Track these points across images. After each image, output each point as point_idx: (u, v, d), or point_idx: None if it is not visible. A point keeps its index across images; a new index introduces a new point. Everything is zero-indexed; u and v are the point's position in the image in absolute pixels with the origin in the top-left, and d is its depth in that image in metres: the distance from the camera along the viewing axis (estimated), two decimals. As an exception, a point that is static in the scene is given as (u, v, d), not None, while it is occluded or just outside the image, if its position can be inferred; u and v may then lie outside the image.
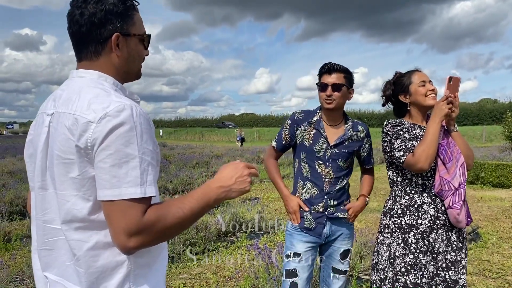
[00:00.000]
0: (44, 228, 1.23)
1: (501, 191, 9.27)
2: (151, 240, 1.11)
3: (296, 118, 2.52)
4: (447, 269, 2.16)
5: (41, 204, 1.23)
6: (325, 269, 2.58)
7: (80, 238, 1.15)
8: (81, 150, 1.09)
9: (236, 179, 1.25)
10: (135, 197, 1.06)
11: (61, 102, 1.18)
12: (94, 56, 1.24)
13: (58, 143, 1.14)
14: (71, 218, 1.15)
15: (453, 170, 2.14)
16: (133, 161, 1.07)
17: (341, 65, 2.44)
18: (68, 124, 1.11)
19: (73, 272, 1.18)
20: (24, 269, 4.12)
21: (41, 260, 1.26)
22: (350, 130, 2.49)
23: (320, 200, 2.43)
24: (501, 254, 4.83)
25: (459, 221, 2.13)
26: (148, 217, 1.08)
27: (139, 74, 1.37)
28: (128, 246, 1.07)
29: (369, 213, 7.21)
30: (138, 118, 1.10)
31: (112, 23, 1.21)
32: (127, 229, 1.06)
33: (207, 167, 13.99)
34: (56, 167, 1.15)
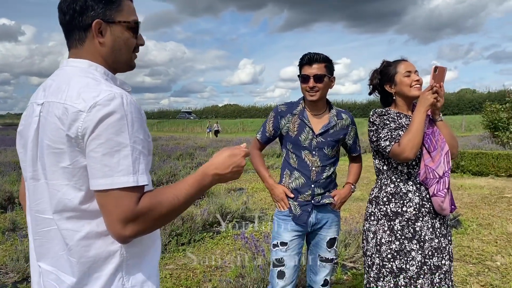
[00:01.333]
0: (36, 218, 1.23)
1: (481, 179, 9.49)
2: (147, 228, 1.11)
3: (280, 110, 2.53)
4: (431, 256, 2.20)
5: (33, 195, 1.23)
6: (312, 257, 2.60)
7: (72, 228, 1.15)
8: (71, 140, 1.09)
9: (232, 168, 1.25)
10: (127, 186, 1.06)
11: (51, 91, 1.17)
12: (79, 44, 1.23)
13: (48, 132, 1.13)
14: (63, 208, 1.15)
15: (437, 159, 2.18)
16: (124, 150, 1.07)
17: (321, 55, 2.43)
18: (58, 114, 1.11)
19: (66, 262, 1.18)
20: (7, 263, 4.07)
21: (36, 250, 1.26)
22: (335, 119, 2.50)
23: (307, 189, 2.44)
24: (480, 240, 4.95)
25: (443, 209, 2.17)
26: (143, 204, 1.08)
27: (131, 64, 1.35)
28: (124, 234, 1.08)
29: (353, 202, 7.31)
30: (129, 107, 1.10)
31: (93, 10, 1.20)
32: (122, 218, 1.06)
33: (191, 159, 13.93)
34: (47, 157, 1.14)
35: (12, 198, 6.92)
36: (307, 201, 2.46)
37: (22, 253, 4.07)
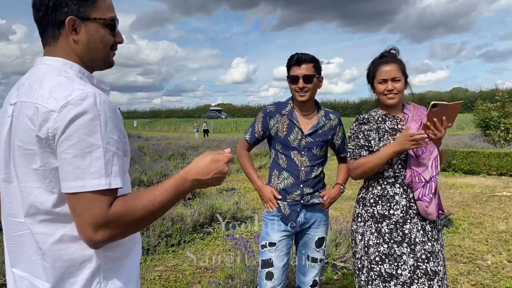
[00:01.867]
0: (9, 222, 1.19)
1: (472, 178, 9.51)
2: (119, 233, 1.07)
3: (269, 110, 2.52)
4: (427, 260, 2.15)
5: (6, 197, 1.19)
6: (301, 258, 2.58)
7: (45, 232, 1.11)
8: (42, 141, 1.04)
9: (213, 174, 1.20)
10: (99, 189, 1.02)
11: (23, 91, 1.13)
12: (53, 41, 1.19)
13: (19, 133, 1.09)
14: (35, 211, 1.11)
15: (424, 163, 2.15)
16: (96, 151, 1.03)
17: (309, 55, 2.43)
18: (29, 114, 1.06)
19: (40, 267, 1.14)
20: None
21: (9, 256, 1.22)
22: (323, 119, 2.50)
23: (296, 188, 2.44)
24: (471, 239, 4.95)
25: (428, 213, 2.14)
26: (115, 209, 1.04)
27: (109, 62, 1.30)
28: (95, 239, 1.04)
29: (344, 201, 7.28)
30: (102, 106, 1.06)
31: (67, 6, 1.16)
32: (93, 222, 1.02)
33: (183, 158, 13.86)
34: (18, 158, 1.10)
35: None
36: (296, 201, 2.45)
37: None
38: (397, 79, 2.21)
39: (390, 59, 2.26)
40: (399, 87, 2.21)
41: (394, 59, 2.26)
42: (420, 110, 2.29)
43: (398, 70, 2.22)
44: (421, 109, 2.29)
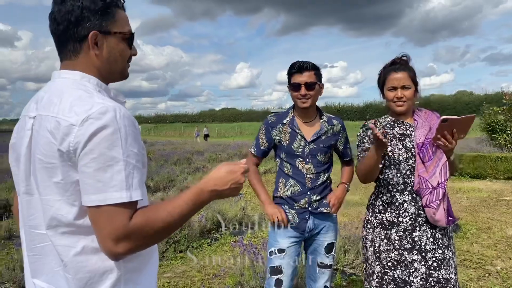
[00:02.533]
0: (31, 233, 1.21)
1: (479, 182, 9.46)
2: (139, 245, 1.09)
3: (270, 121, 2.55)
4: (438, 268, 2.14)
5: (27, 210, 1.20)
6: (311, 264, 2.58)
7: (67, 244, 1.12)
8: (63, 154, 1.06)
9: (231, 184, 1.22)
10: (121, 202, 1.03)
11: (43, 104, 1.15)
12: (73, 56, 1.20)
13: (40, 147, 1.10)
14: (57, 223, 1.12)
15: (432, 169, 2.14)
16: (117, 164, 1.04)
17: (310, 63, 2.45)
18: (50, 128, 1.08)
19: (61, 279, 1.15)
20: (3, 272, 4.01)
21: (30, 267, 1.23)
22: (326, 125, 2.52)
23: (303, 196, 2.45)
24: (480, 244, 4.92)
25: (436, 220, 2.13)
26: (135, 221, 1.05)
27: (125, 74, 1.32)
28: (116, 251, 1.05)
29: (351, 206, 7.27)
30: (122, 120, 1.07)
31: (89, 21, 1.17)
32: (114, 235, 1.03)
33: (189, 163, 13.89)
34: (39, 172, 1.12)
35: (8, 206, 6.86)
36: (304, 208, 2.45)
37: (18, 262, 4.02)
38: (407, 87, 2.22)
39: (400, 66, 2.26)
40: (408, 95, 2.22)
41: (404, 66, 2.26)
42: (431, 116, 2.29)
43: (408, 78, 2.22)
44: (432, 115, 2.30)
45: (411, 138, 2.24)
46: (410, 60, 2.32)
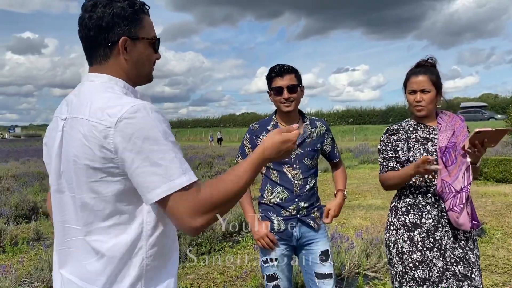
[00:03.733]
0: (63, 228, 1.27)
1: (505, 186, 9.26)
2: (213, 215, 1.14)
3: (253, 130, 2.50)
4: (456, 264, 2.16)
5: (59, 207, 1.27)
6: (309, 277, 2.46)
7: (100, 239, 1.18)
8: (101, 156, 1.11)
9: (283, 152, 1.29)
10: (184, 186, 1.09)
11: (73, 107, 1.20)
12: (103, 60, 1.25)
13: (73, 148, 1.15)
14: (92, 220, 1.18)
15: (455, 173, 2.13)
16: (168, 154, 1.09)
17: (289, 66, 2.41)
18: (84, 131, 1.12)
19: (88, 272, 1.20)
20: (32, 272, 4.14)
21: (60, 259, 1.29)
22: (309, 127, 2.46)
23: (292, 203, 2.38)
24: (506, 249, 4.83)
25: (459, 224, 2.12)
26: (203, 195, 1.11)
27: (151, 77, 1.37)
28: (196, 226, 1.10)
29: (374, 210, 7.23)
30: (155, 115, 1.12)
31: (119, 27, 1.22)
32: (189, 213, 1.09)
33: (210, 167, 14.01)
34: (74, 172, 1.17)
35: (36, 208, 7.07)
36: (292, 216, 2.39)
37: (47, 262, 4.14)
38: (426, 91, 2.21)
39: (422, 69, 2.26)
40: (427, 98, 2.21)
41: (426, 69, 2.25)
42: (455, 119, 2.28)
43: (428, 82, 2.21)
44: (456, 118, 2.29)
45: (434, 142, 2.24)
46: (436, 63, 2.31)
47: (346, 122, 48.06)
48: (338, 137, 36.73)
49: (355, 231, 5.55)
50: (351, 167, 14.52)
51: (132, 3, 1.24)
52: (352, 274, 3.98)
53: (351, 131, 40.28)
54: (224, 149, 22.68)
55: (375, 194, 8.84)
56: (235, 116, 69.38)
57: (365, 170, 13.68)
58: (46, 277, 3.97)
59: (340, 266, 3.96)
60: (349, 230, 5.87)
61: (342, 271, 3.93)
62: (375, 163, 15.07)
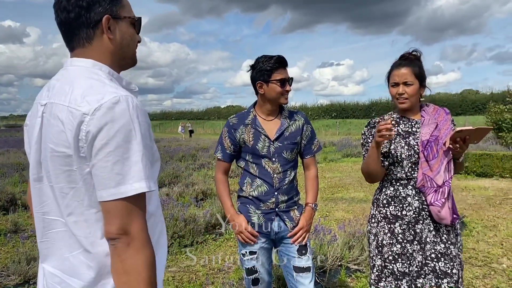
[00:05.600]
0: (43, 220, 1.21)
1: (485, 180, 9.42)
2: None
3: (232, 123, 2.44)
4: (436, 259, 2.14)
5: (38, 197, 1.21)
6: (288, 271, 2.43)
7: (83, 231, 1.13)
8: (75, 143, 1.06)
9: None
10: (140, 192, 1.04)
11: (54, 92, 1.14)
12: (87, 42, 1.19)
13: (51, 135, 1.10)
14: (71, 211, 1.13)
15: (436, 167, 2.13)
16: (134, 155, 1.05)
17: None
18: (62, 117, 1.07)
19: (72, 265, 1.16)
20: (9, 265, 4.04)
21: (41, 252, 1.24)
22: (287, 120, 2.42)
23: (271, 196, 2.35)
24: (486, 242, 4.90)
25: (441, 218, 2.12)
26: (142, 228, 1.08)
27: (135, 60, 1.33)
28: (111, 237, 1.07)
29: (356, 203, 7.27)
30: (135, 111, 1.07)
31: (100, 5, 1.18)
32: (125, 228, 1.05)
33: (194, 160, 13.93)
34: (51, 160, 1.12)
35: (14, 200, 6.91)
36: (271, 209, 2.36)
37: (24, 255, 4.05)
38: (409, 83, 2.19)
39: (405, 62, 2.24)
40: (410, 91, 2.19)
41: (409, 62, 2.23)
42: (439, 112, 2.27)
43: (411, 74, 2.19)
44: (440, 111, 2.27)
45: (416, 135, 2.22)
46: (420, 55, 2.29)
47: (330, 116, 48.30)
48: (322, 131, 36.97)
49: (338, 223, 5.57)
50: (334, 160, 14.61)
51: None
52: (335, 267, 3.98)
53: (335, 125, 40.53)
54: (209, 142, 22.58)
55: (357, 187, 8.89)
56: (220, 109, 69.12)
57: (347, 163, 13.76)
58: (23, 270, 3.88)
59: (323, 258, 3.96)
60: (332, 222, 5.89)
61: (324, 263, 3.93)
62: (357, 157, 15.20)
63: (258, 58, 2.38)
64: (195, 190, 7.65)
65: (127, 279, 1.05)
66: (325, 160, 14.40)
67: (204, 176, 10.17)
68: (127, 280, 1.05)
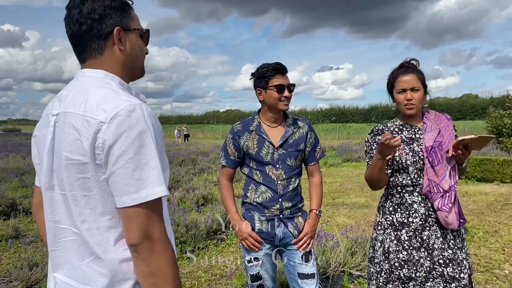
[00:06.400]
0: (55, 229, 1.23)
1: (485, 186, 9.42)
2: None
3: (236, 130, 2.46)
4: (444, 265, 2.15)
5: (50, 206, 1.23)
6: (292, 277, 2.44)
7: (96, 239, 1.15)
8: (91, 151, 1.08)
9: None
10: (161, 196, 1.08)
11: (67, 102, 1.17)
12: (98, 53, 1.23)
13: (65, 143, 1.12)
14: (84, 219, 1.15)
15: (442, 173, 2.14)
16: (152, 161, 1.08)
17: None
18: (77, 125, 1.10)
19: (84, 274, 1.17)
20: (10, 271, 4.03)
21: (52, 261, 1.25)
22: (291, 127, 2.43)
23: (275, 203, 2.36)
24: (487, 248, 4.90)
25: (448, 223, 2.13)
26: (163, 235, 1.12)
27: (143, 71, 1.37)
28: (135, 243, 1.09)
29: (357, 208, 7.27)
30: (150, 119, 1.11)
31: (112, 18, 1.22)
32: (148, 233, 1.09)
33: (194, 164, 13.92)
34: (65, 168, 1.13)
35: (15, 205, 6.90)
36: (275, 216, 2.37)
37: (26, 261, 4.04)
38: (416, 89, 2.21)
39: (409, 69, 2.26)
40: (417, 97, 2.21)
41: (413, 69, 2.26)
42: (440, 118, 2.28)
43: (417, 80, 2.22)
44: (441, 117, 2.29)
45: (419, 141, 2.24)
46: (419, 64, 2.32)
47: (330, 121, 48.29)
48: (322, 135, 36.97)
49: (340, 229, 5.57)
50: (335, 165, 14.60)
51: None
52: (337, 273, 3.98)
53: (335, 129, 40.55)
54: (209, 146, 22.58)
55: (358, 192, 8.89)
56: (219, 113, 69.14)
57: (348, 168, 13.76)
58: (26, 275, 3.87)
59: (326, 264, 3.95)
60: (334, 228, 5.89)
61: (327, 269, 3.93)
62: (358, 161, 15.19)
63: (259, 66, 2.42)
64: (195, 195, 7.65)
65: (154, 281, 1.09)
66: (325, 165, 14.40)
67: (205, 181, 10.17)
68: (154, 281, 1.09)
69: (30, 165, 12.47)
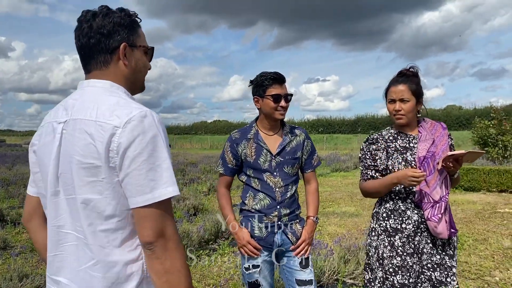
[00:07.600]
0: (58, 233, 1.25)
1: (473, 195, 9.55)
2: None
3: (234, 138, 2.47)
4: (432, 269, 2.19)
5: (54, 211, 1.25)
6: (290, 284, 2.44)
7: (100, 242, 1.17)
8: (105, 154, 1.11)
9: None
10: (173, 195, 1.13)
11: (76, 110, 1.21)
12: (104, 66, 1.29)
13: (77, 148, 1.15)
14: (91, 221, 1.17)
15: (433, 183, 2.15)
16: (164, 163, 1.14)
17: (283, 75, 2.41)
18: (90, 130, 1.14)
19: (84, 278, 1.19)
20: (0, 282, 3.95)
21: (54, 265, 1.27)
22: (289, 135, 2.46)
23: (274, 210, 2.37)
24: (477, 256, 4.96)
25: (437, 233, 2.15)
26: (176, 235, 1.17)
27: (143, 86, 1.43)
28: (149, 241, 1.13)
29: (348, 217, 7.31)
30: (160, 124, 1.17)
31: (119, 34, 1.28)
32: (161, 231, 1.13)
33: (183, 175, 13.86)
34: (76, 172, 1.16)
35: (2, 216, 6.78)
36: (273, 223, 2.38)
37: (16, 272, 3.97)
38: (405, 100, 2.24)
39: (402, 79, 2.28)
40: (406, 108, 2.24)
41: (406, 79, 2.27)
42: (435, 128, 2.31)
43: (407, 91, 2.23)
44: (437, 126, 2.31)
45: (413, 151, 2.26)
46: (418, 72, 2.33)
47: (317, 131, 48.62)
48: (309, 146, 36.98)
49: (331, 238, 5.59)
50: (324, 175, 14.68)
51: (129, 14, 1.32)
52: (331, 281, 3.98)
53: (322, 140, 40.77)
54: (197, 157, 22.51)
55: (348, 202, 8.95)
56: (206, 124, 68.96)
57: (337, 178, 13.84)
58: (16, 287, 3.80)
59: (320, 273, 3.96)
60: (325, 237, 5.90)
61: (321, 278, 3.94)
62: (346, 171, 15.30)
63: (258, 74, 2.45)
64: (186, 205, 7.61)
65: (168, 278, 1.13)
66: (314, 175, 14.43)
67: (195, 191, 10.12)
68: (168, 278, 1.13)
69: (16, 176, 12.28)
